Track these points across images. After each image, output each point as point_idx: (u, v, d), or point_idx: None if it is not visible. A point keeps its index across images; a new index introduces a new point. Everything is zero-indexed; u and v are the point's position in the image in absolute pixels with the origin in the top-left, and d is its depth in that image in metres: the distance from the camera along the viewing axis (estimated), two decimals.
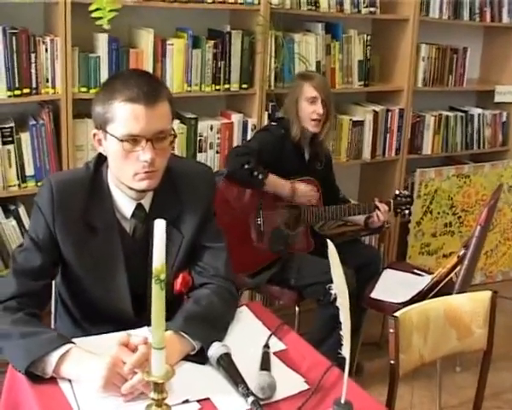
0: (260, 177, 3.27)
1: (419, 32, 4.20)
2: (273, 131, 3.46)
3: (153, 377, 1.37)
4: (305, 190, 3.43)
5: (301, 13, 3.78)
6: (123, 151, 1.84)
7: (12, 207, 3.22)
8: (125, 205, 1.98)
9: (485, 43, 4.92)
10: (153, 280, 1.32)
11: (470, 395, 3.36)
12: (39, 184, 3.15)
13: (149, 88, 1.85)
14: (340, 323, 3.27)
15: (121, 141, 1.83)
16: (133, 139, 1.83)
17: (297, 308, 3.42)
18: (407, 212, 3.76)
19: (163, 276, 1.30)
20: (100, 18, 0.93)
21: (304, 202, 3.44)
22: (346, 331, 1.51)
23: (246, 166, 3.22)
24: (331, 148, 3.81)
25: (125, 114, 1.82)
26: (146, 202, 2.00)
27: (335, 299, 1.50)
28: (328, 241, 1.54)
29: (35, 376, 1.66)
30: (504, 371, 3.58)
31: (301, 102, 3.42)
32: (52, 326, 2.29)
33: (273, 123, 3.60)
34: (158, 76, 3.25)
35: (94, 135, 1.94)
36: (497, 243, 4.90)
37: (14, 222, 3.19)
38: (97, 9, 0.92)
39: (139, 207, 1.99)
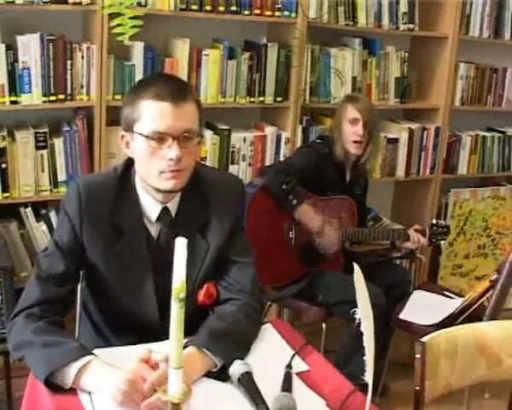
0: (294, 202, 3.24)
1: (458, 51, 4.14)
2: (317, 149, 3.45)
3: (169, 397, 1.35)
4: (331, 235, 3.37)
5: (338, 27, 3.75)
6: (149, 149, 1.84)
7: (43, 212, 3.24)
8: (152, 208, 1.97)
9: None
10: (172, 298, 1.30)
11: None
12: None
13: (176, 87, 1.87)
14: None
15: (148, 138, 1.83)
16: (160, 137, 1.83)
17: (324, 325, 3.38)
18: (442, 243, 3.71)
19: (182, 295, 1.28)
20: (122, 34, 0.92)
21: (324, 245, 3.38)
22: (369, 356, 1.48)
23: (283, 187, 3.20)
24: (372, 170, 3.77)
25: (151, 112, 1.83)
26: (172, 207, 1.99)
27: (360, 323, 1.46)
28: (354, 264, 1.51)
29: (55, 386, 1.65)
30: None
31: (344, 123, 3.42)
32: (76, 332, 2.29)
33: (318, 140, 3.58)
34: (192, 86, 3.25)
35: (122, 137, 1.94)
36: None
37: (44, 227, 3.21)
38: (119, 25, 0.90)
39: (165, 210, 1.98)
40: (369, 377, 1.48)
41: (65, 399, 1.63)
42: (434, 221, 3.67)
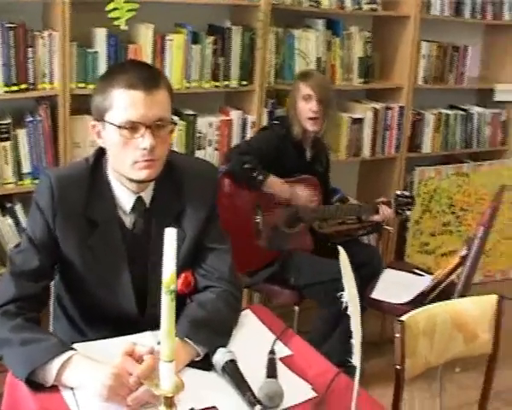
0: (260, 178, 3.25)
1: (420, 30, 4.16)
2: (275, 130, 3.45)
3: (162, 391, 1.33)
4: (304, 195, 3.40)
5: (302, 9, 3.74)
6: (122, 139, 1.80)
7: (8, 205, 3.17)
8: (125, 198, 1.94)
9: (485, 42, 4.87)
10: (163, 290, 1.28)
11: (471, 396, 3.36)
12: (36, 181, 3.10)
13: (148, 75, 1.83)
14: (340, 323, 3.25)
15: (120, 128, 1.79)
16: (132, 127, 1.79)
17: (296, 307, 3.39)
18: (408, 213, 3.73)
19: (173, 286, 1.26)
20: (117, 18, 0.89)
21: (302, 206, 3.40)
22: (357, 340, 1.47)
23: (246, 166, 3.21)
24: (331, 145, 3.77)
25: (123, 101, 1.78)
26: (146, 196, 1.96)
27: (346, 307, 1.46)
28: (339, 247, 1.50)
29: (36, 384, 1.61)
30: (503, 371, 3.55)
31: (298, 100, 3.41)
32: (50, 328, 2.24)
33: (275, 121, 3.57)
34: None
35: (93, 127, 1.89)
36: (495, 243, 4.86)
37: (10, 220, 3.15)
38: (115, 9, 0.88)
39: (139, 200, 1.94)
40: (356, 360, 1.47)
41: (47, 397, 1.60)
42: (399, 192, 3.70)
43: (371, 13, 4.03)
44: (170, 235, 1.25)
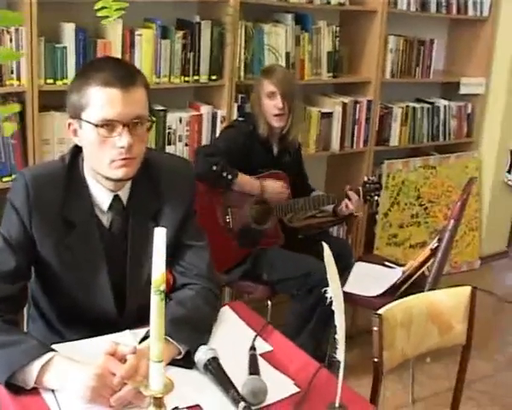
0: (229, 177, 3.26)
1: (387, 24, 4.19)
2: (240, 128, 3.44)
3: (152, 391, 1.32)
4: (274, 187, 3.40)
5: (271, 3, 3.74)
6: (99, 137, 1.78)
7: None
8: (102, 197, 1.92)
9: (450, 36, 4.94)
10: (152, 291, 1.27)
11: (442, 386, 3.42)
12: (4, 179, 3.06)
13: (125, 72, 1.81)
14: (313, 317, 3.27)
15: (97, 126, 1.77)
16: (109, 125, 1.77)
17: (269, 302, 3.40)
18: (376, 198, 3.75)
19: (163, 287, 1.25)
20: (106, 17, 0.88)
21: (274, 199, 3.41)
22: (341, 335, 1.48)
23: (214, 168, 3.19)
24: (300, 140, 3.77)
25: (100, 99, 1.76)
26: (123, 194, 1.94)
27: (331, 303, 1.47)
28: (324, 244, 1.50)
29: (16, 387, 1.58)
30: (476, 361, 3.61)
31: (262, 97, 3.40)
32: (25, 330, 2.21)
33: (240, 118, 3.58)
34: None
35: (69, 125, 1.87)
36: (462, 234, 4.93)
37: None
38: (103, 8, 0.87)
39: (116, 198, 1.93)
40: (340, 355, 1.48)
41: (28, 399, 1.57)
42: (366, 178, 3.70)
43: (339, 7, 4.04)
44: (159, 235, 1.24)
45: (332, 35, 4.05)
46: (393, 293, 3.24)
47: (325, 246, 1.50)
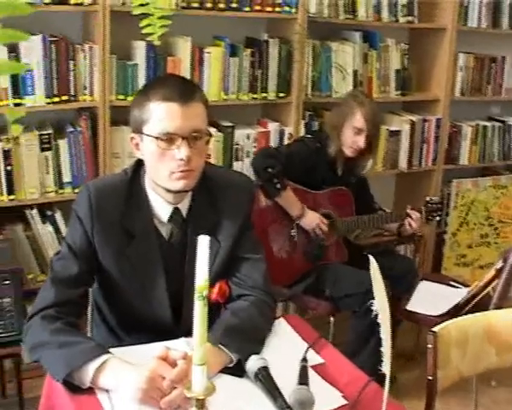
0: (278, 186, 3.23)
1: (457, 41, 4.15)
2: (307, 144, 3.43)
3: (194, 393, 1.36)
4: (313, 219, 3.36)
5: (339, 21, 3.76)
6: (159, 150, 1.85)
7: (49, 213, 3.25)
8: (162, 209, 1.98)
9: None
10: (195, 296, 1.31)
11: None
12: (76, 190, 3.17)
13: (184, 88, 1.88)
14: (374, 335, 3.25)
15: (157, 139, 1.84)
16: (169, 138, 1.84)
17: (332, 319, 3.40)
18: (438, 218, 3.72)
19: (206, 292, 1.30)
20: (151, 34, 0.94)
21: (309, 229, 3.37)
22: (387, 348, 1.49)
23: (269, 170, 3.20)
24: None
25: (160, 113, 1.84)
26: (183, 207, 2.00)
27: (377, 315, 1.48)
28: (370, 256, 1.52)
29: (73, 386, 1.66)
30: None
31: (347, 127, 3.35)
32: (88, 335, 2.30)
33: (308, 136, 3.57)
34: (199, 85, 3.26)
35: (131, 139, 1.95)
36: None
37: (50, 228, 3.22)
38: (148, 25, 0.93)
39: (176, 211, 1.99)
40: (386, 368, 1.49)
41: (83, 398, 1.65)
42: (428, 198, 3.69)
43: (408, 25, 4.04)
44: (203, 242, 1.29)
45: (400, 53, 4.05)
46: (457, 313, 3.18)
47: (371, 258, 1.51)
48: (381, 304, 1.48)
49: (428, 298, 3.46)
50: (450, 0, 4.06)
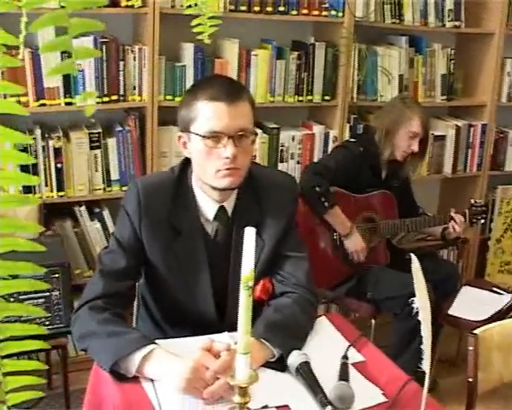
0: (326, 204, 3.24)
1: (504, 47, 4.12)
2: (351, 150, 3.40)
3: (237, 381, 1.40)
4: (357, 242, 3.36)
5: (385, 26, 3.78)
6: (206, 148, 1.89)
7: (97, 210, 3.33)
8: (208, 207, 2.02)
9: None
10: (241, 286, 1.35)
11: None
12: (124, 188, 3.24)
13: (231, 87, 1.93)
14: (416, 337, 3.24)
15: (204, 138, 1.88)
16: (215, 136, 1.88)
17: (373, 321, 3.41)
18: (482, 221, 3.70)
19: (251, 282, 1.34)
20: (201, 33, 0.98)
21: (350, 250, 3.37)
22: (426, 346, 1.50)
23: (316, 189, 3.22)
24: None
25: (207, 112, 1.88)
26: (229, 206, 2.04)
27: (417, 313, 1.50)
28: (412, 255, 1.54)
29: (119, 374, 1.71)
30: None
31: (402, 131, 3.35)
32: (134, 326, 2.35)
33: (352, 139, 3.57)
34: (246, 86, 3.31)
35: (179, 138, 2.00)
36: None
37: (98, 225, 3.30)
38: (199, 24, 0.97)
39: (222, 209, 2.03)
40: (426, 366, 1.51)
41: (129, 387, 1.70)
42: (472, 201, 3.68)
43: (455, 30, 4.03)
44: (249, 233, 1.33)
45: (447, 57, 4.04)
46: (499, 318, 3.17)
47: (413, 257, 1.53)
48: (422, 302, 1.50)
49: (471, 303, 3.45)
50: (498, 4, 4.03)
